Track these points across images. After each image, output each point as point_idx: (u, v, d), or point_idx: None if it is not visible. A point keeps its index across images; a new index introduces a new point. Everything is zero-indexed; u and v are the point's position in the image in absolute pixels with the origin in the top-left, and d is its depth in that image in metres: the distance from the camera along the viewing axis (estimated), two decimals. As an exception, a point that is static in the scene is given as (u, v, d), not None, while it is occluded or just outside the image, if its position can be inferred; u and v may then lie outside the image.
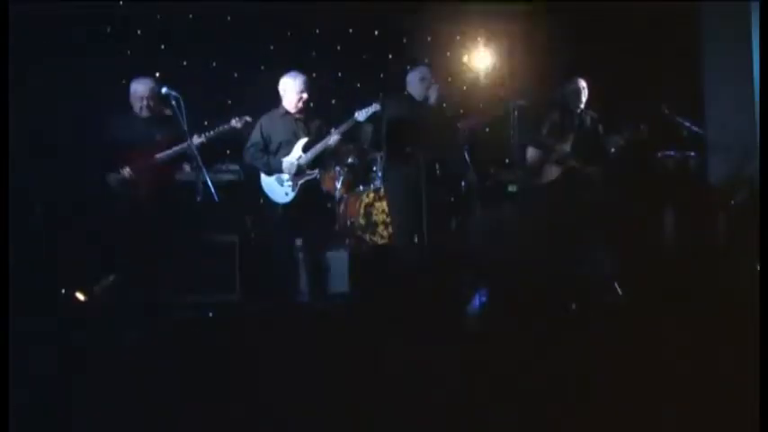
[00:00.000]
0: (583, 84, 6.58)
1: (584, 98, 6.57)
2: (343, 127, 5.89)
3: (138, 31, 7.01)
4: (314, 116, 6.03)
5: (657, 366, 3.69)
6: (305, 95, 5.87)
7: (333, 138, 5.87)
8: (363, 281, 6.42)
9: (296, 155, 5.90)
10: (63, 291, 5.74)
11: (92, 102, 6.26)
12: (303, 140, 5.90)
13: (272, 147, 5.94)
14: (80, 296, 5.78)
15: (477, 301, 5.51)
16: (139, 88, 5.79)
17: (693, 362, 3.68)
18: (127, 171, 5.71)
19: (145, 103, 5.76)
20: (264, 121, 5.94)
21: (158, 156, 5.75)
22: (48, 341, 4.42)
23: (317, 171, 5.92)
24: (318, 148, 5.84)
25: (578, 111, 6.58)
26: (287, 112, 5.96)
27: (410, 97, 6.27)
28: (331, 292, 6.24)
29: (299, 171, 5.87)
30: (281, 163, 5.89)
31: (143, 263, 5.62)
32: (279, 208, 5.97)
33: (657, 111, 6.66)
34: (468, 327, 5.22)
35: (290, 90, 5.87)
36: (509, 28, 7.80)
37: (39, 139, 5.97)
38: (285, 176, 5.85)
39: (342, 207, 7.16)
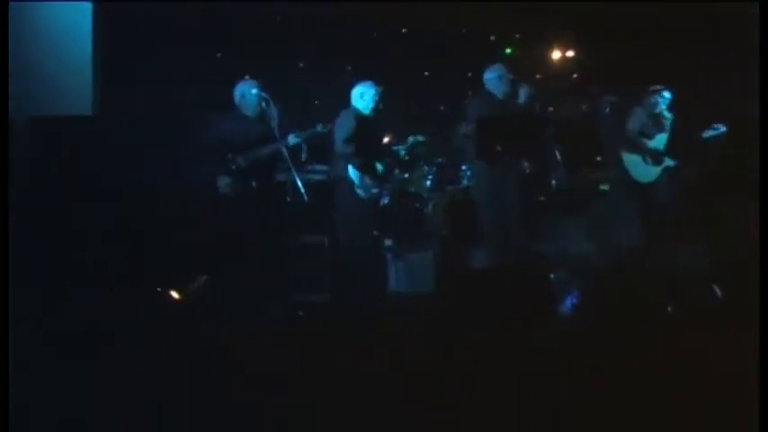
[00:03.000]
0: (671, 82, 6.55)
1: (671, 95, 6.51)
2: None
3: (235, 32, 7.20)
4: (392, 119, 6.16)
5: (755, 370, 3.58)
6: (381, 105, 5.98)
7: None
8: (452, 282, 6.38)
9: (378, 156, 6.00)
10: (158, 290, 5.78)
11: (191, 101, 6.47)
12: (385, 141, 6.07)
13: (356, 148, 6.02)
14: (175, 295, 5.81)
15: (568, 303, 5.48)
16: (240, 89, 5.94)
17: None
18: (225, 170, 5.81)
19: (244, 103, 5.90)
20: (343, 123, 6.01)
21: (251, 156, 5.84)
22: (143, 340, 4.52)
23: (398, 170, 6.04)
24: (400, 149, 5.95)
25: (670, 108, 6.51)
26: (363, 115, 6.04)
27: (493, 96, 6.31)
28: (419, 292, 6.27)
29: (388, 172, 5.97)
30: (370, 163, 5.99)
31: (235, 263, 5.71)
32: (366, 208, 6.04)
33: (748, 110, 6.49)
34: (559, 329, 5.19)
35: (368, 97, 6.00)
36: (598, 23, 7.72)
37: (140, 138, 6.12)
38: (371, 176, 5.95)
39: (430, 207, 7.16)
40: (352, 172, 6.04)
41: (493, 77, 6.27)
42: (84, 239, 5.58)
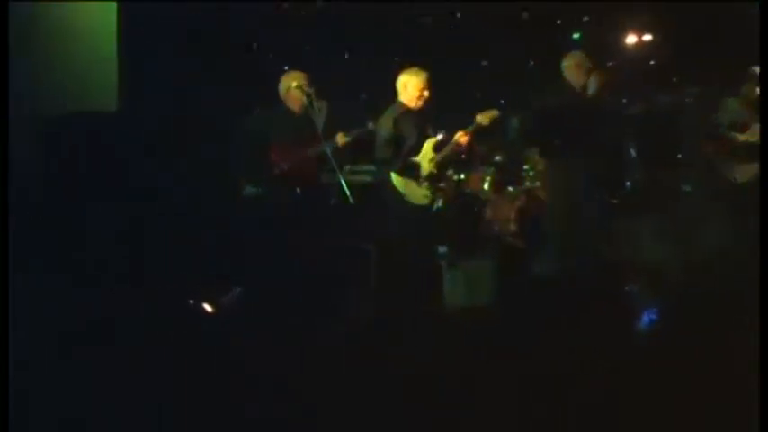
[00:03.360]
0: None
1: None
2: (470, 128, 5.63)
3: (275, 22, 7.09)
4: (442, 112, 5.90)
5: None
6: (426, 93, 5.69)
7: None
8: (514, 292, 6.06)
9: (428, 155, 5.71)
10: (191, 302, 5.55)
11: (228, 98, 6.37)
12: (433, 139, 5.72)
13: (402, 146, 5.77)
14: (208, 308, 5.58)
15: (647, 319, 5.19)
16: (284, 83, 5.82)
17: None
18: (266, 172, 5.71)
19: (289, 98, 5.79)
20: (386, 119, 5.79)
21: (294, 156, 5.72)
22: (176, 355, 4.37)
23: (451, 171, 5.90)
24: (450, 147, 5.65)
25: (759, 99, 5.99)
26: (409, 110, 5.77)
27: (566, 86, 6.03)
28: (477, 304, 5.97)
29: (435, 171, 5.69)
30: (415, 164, 5.73)
31: (275, 272, 5.55)
32: (418, 212, 5.78)
33: None
34: (639, 344, 4.88)
35: (412, 87, 5.73)
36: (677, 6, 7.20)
37: (173, 137, 5.98)
38: (422, 178, 5.70)
39: (489, 210, 6.88)
40: (395, 177, 5.77)
41: (570, 65, 6.00)
42: (112, 241, 5.39)
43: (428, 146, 5.71)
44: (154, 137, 5.68)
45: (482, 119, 5.59)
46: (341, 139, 5.66)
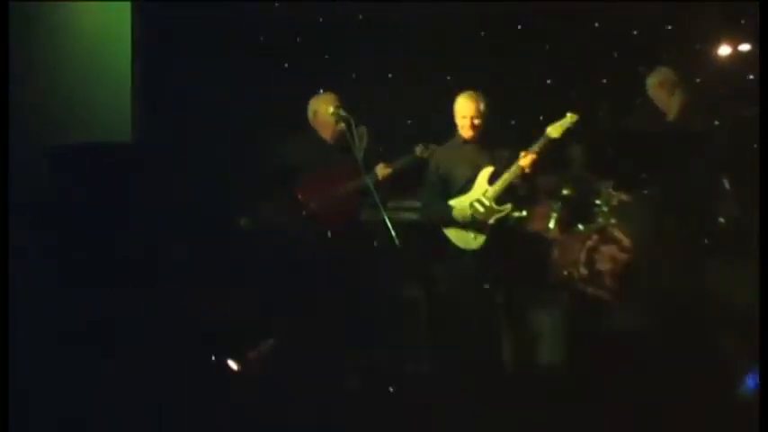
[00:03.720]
0: None
1: None
2: (535, 146, 5.17)
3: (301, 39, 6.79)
4: (499, 138, 5.41)
5: None
6: (476, 121, 5.21)
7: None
8: (586, 349, 5.63)
9: (480, 189, 5.25)
10: (213, 358, 5.33)
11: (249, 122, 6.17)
12: (487, 170, 5.25)
13: (453, 183, 5.38)
14: (233, 365, 5.32)
15: (750, 383, 4.74)
16: (312, 106, 5.54)
17: None
18: (294, 212, 5.43)
19: (318, 123, 5.51)
20: (440, 153, 5.44)
21: (332, 191, 5.44)
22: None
23: (509, 206, 5.24)
24: (507, 177, 5.16)
25: None
26: (465, 140, 5.36)
27: (648, 107, 5.71)
28: (543, 363, 5.61)
29: (488, 209, 5.20)
30: (463, 202, 5.31)
31: (308, 323, 5.27)
32: (467, 256, 5.35)
33: None
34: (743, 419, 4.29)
35: (461, 112, 5.30)
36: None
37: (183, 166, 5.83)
38: (469, 217, 5.25)
39: (556, 252, 6.37)
40: (440, 215, 5.36)
41: (655, 83, 5.70)
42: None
43: (482, 178, 5.23)
44: (166, 174, 5.50)
45: (554, 131, 5.08)
46: (381, 171, 5.33)
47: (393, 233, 4.90)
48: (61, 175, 5.28)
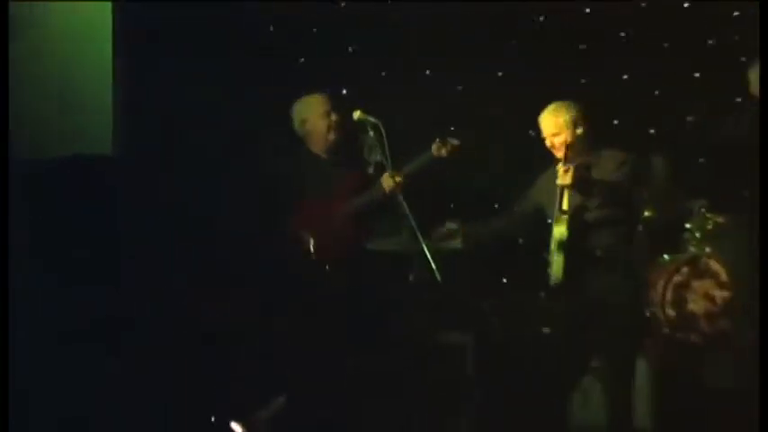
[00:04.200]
0: None
1: None
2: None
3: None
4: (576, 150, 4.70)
5: None
6: (557, 139, 4.54)
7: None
8: (676, 405, 5.06)
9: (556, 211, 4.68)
10: (212, 419, 4.81)
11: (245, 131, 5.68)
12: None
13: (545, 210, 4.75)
14: (237, 428, 4.81)
15: None
16: (304, 115, 4.90)
17: None
18: (300, 235, 4.77)
19: (311, 135, 4.88)
20: (542, 180, 4.76)
21: (344, 208, 4.80)
22: None
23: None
24: (579, 197, 4.52)
25: None
26: (557, 161, 4.73)
27: (749, 108, 5.01)
28: (626, 423, 4.80)
29: (563, 235, 4.57)
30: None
31: (326, 376, 4.72)
32: (532, 290, 5.00)
33: None
34: None
35: (543, 132, 4.71)
36: None
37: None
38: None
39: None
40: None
41: (754, 79, 4.97)
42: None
43: (558, 198, 4.58)
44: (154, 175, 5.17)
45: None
46: (388, 181, 4.57)
47: (434, 265, 4.36)
48: (57, 176, 5.03)
